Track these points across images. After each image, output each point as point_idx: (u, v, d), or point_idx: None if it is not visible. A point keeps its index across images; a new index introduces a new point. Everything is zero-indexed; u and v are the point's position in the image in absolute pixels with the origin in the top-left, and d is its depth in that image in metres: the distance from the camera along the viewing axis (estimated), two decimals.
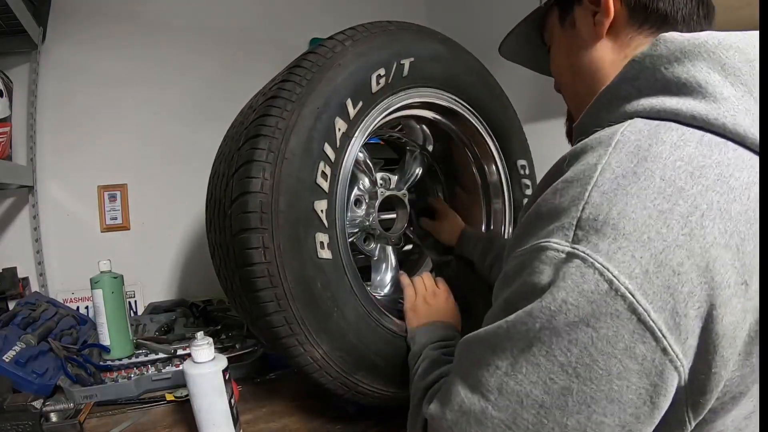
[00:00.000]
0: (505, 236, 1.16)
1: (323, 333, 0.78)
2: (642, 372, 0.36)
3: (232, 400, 0.78)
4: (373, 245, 1.09)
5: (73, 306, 1.53)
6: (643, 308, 0.35)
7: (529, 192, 1.18)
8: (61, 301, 1.48)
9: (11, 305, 1.40)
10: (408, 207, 1.13)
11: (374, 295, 0.93)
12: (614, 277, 0.35)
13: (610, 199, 0.37)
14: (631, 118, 0.44)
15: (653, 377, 0.36)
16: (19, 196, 1.52)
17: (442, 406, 0.47)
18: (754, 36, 0.43)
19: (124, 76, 1.67)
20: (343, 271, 0.81)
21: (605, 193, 0.38)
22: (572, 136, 0.60)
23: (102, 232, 1.65)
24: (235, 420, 0.78)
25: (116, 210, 1.66)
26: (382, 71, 0.86)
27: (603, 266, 0.36)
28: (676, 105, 0.41)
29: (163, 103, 1.74)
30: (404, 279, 0.97)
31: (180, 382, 0.92)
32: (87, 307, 1.54)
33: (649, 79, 0.45)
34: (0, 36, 1.41)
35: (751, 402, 0.41)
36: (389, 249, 1.11)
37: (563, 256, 0.38)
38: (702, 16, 0.53)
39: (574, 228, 0.38)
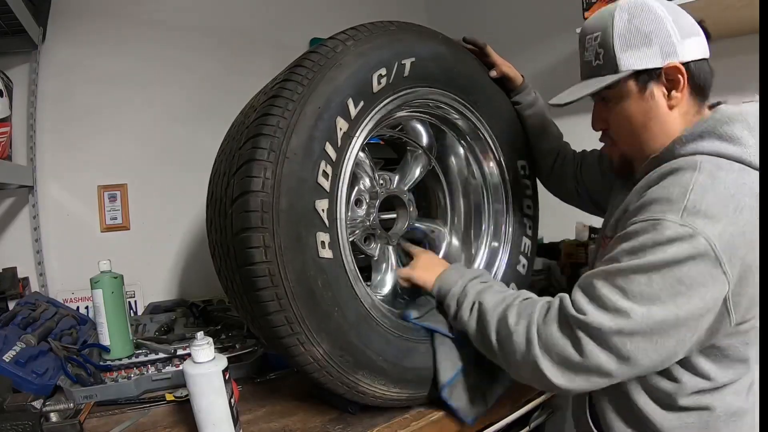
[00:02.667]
0: (505, 236, 1.17)
1: (324, 332, 0.78)
2: (713, 284, 0.66)
3: (232, 400, 0.78)
4: (373, 245, 1.08)
5: (73, 306, 1.53)
6: (718, 254, 0.65)
7: (529, 192, 1.19)
8: (61, 301, 1.48)
9: (11, 305, 1.40)
10: (408, 207, 1.13)
11: (375, 295, 0.93)
12: (706, 238, 0.65)
13: (701, 198, 0.67)
14: (697, 153, 0.74)
15: (718, 288, 0.67)
16: (19, 196, 1.52)
17: (598, 310, 0.70)
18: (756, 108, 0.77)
19: (124, 75, 1.67)
20: (344, 270, 0.81)
21: (698, 194, 0.68)
22: (623, 166, 0.90)
23: (102, 232, 1.65)
24: (235, 420, 0.78)
25: (116, 210, 1.65)
26: (383, 71, 0.86)
27: (701, 232, 0.65)
28: (725, 149, 0.73)
29: (163, 103, 1.74)
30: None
31: (180, 382, 0.92)
32: (87, 307, 1.53)
33: (710, 132, 0.74)
34: (0, 36, 1.40)
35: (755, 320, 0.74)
36: (389, 249, 1.11)
37: (678, 225, 0.66)
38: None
39: (682, 211, 0.67)
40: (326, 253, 0.78)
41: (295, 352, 0.78)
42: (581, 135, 1.14)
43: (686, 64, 0.77)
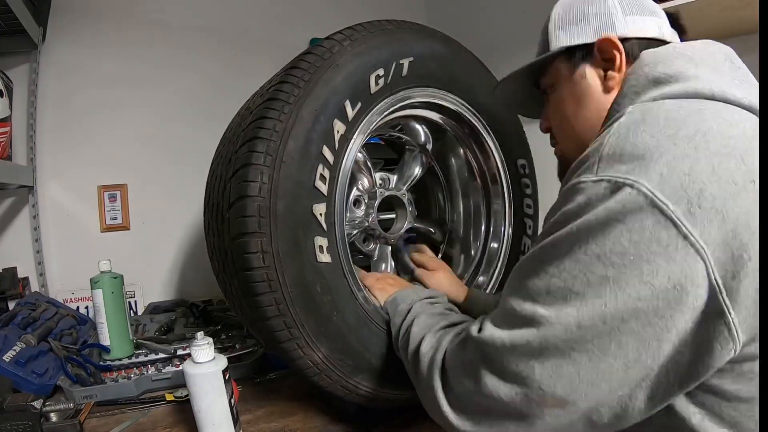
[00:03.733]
0: (505, 236, 1.16)
1: (323, 336, 0.77)
2: (667, 256, 0.41)
3: (232, 400, 0.78)
4: (372, 246, 1.08)
5: (73, 306, 1.53)
6: (661, 201, 0.41)
7: (529, 191, 1.18)
8: (61, 301, 1.48)
9: (11, 305, 1.40)
10: (407, 207, 1.13)
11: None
12: (634, 181, 0.43)
13: (624, 138, 0.46)
14: None
15: (679, 262, 0.41)
16: (19, 196, 1.52)
17: (495, 323, 0.52)
18: (706, 42, 0.59)
19: (124, 75, 1.67)
20: (343, 274, 0.81)
21: (619, 137, 0.47)
22: (563, 170, 0.72)
23: (102, 232, 1.65)
24: (235, 420, 0.78)
25: (116, 210, 1.66)
26: (381, 71, 0.85)
27: (625, 178, 0.43)
28: (669, 91, 0.53)
29: (163, 102, 1.74)
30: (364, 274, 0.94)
31: (180, 382, 0.92)
32: (87, 307, 1.54)
33: (644, 83, 0.56)
34: (0, 36, 1.40)
35: None
36: (388, 249, 1.11)
37: (592, 181, 0.46)
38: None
39: (597, 164, 0.46)
40: (324, 257, 0.77)
41: (295, 356, 0.78)
42: None
43: (626, 40, 0.63)
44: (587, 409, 0.47)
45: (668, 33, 0.66)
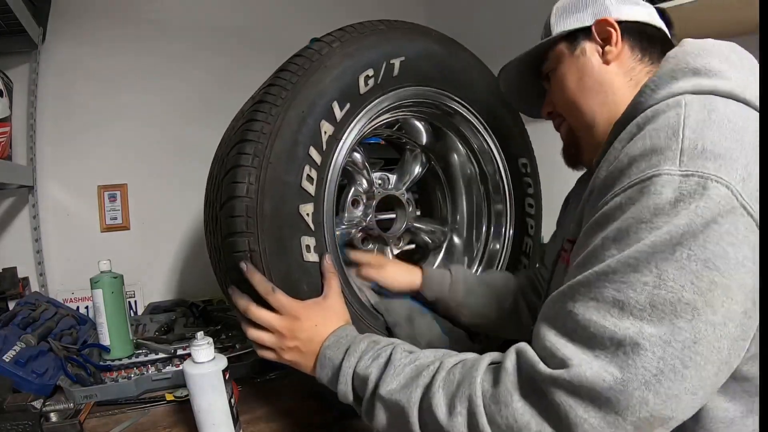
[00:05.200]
0: (506, 236, 1.15)
1: None
2: (755, 259, 0.43)
3: (232, 400, 0.78)
4: (371, 245, 1.08)
5: (73, 306, 1.54)
6: (749, 205, 0.43)
7: (531, 191, 1.16)
8: (61, 301, 1.49)
9: (11, 305, 1.41)
10: (407, 207, 1.12)
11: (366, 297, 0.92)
12: (727, 183, 0.43)
13: (700, 135, 0.47)
14: (679, 95, 0.54)
15: (757, 260, 0.43)
16: (19, 196, 1.54)
17: (584, 351, 0.45)
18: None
19: (124, 75, 1.68)
20: None
21: (694, 131, 0.47)
22: (570, 144, 0.77)
23: (102, 232, 1.66)
24: (235, 420, 0.78)
25: (116, 210, 1.67)
26: (370, 72, 0.84)
27: (717, 177, 0.44)
28: (711, 85, 0.53)
29: (163, 103, 1.74)
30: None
31: (180, 382, 0.92)
32: (87, 307, 1.55)
33: (683, 68, 0.56)
34: (0, 36, 1.41)
35: None
36: (387, 249, 1.10)
37: (679, 176, 0.45)
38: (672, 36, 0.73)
39: (679, 156, 0.46)
40: (312, 256, 0.77)
41: None
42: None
43: (621, 23, 0.70)
44: (681, 419, 0.45)
45: (658, 22, 0.72)
